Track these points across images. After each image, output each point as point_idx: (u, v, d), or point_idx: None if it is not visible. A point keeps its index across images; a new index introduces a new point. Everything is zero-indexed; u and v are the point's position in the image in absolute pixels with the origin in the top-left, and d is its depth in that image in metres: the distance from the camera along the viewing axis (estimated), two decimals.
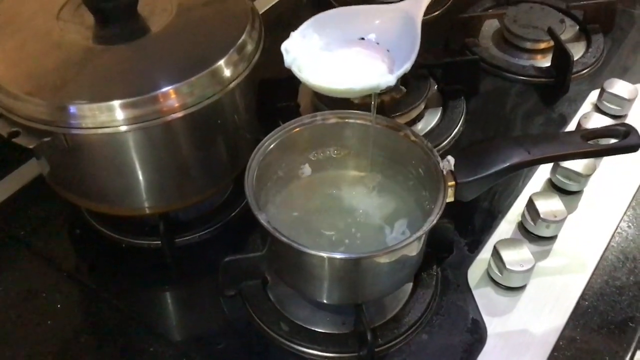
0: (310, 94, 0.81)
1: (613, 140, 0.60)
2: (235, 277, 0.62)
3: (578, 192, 0.72)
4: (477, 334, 0.60)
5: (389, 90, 0.77)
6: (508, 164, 0.56)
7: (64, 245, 0.69)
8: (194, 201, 0.65)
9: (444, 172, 0.56)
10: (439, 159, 0.57)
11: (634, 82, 0.82)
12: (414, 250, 0.55)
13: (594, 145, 0.58)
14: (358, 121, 0.62)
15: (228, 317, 0.63)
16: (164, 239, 0.66)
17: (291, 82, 0.80)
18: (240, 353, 0.60)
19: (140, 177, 0.60)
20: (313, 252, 0.51)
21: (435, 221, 0.53)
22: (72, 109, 0.52)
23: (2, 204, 0.71)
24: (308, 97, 0.81)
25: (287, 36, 0.58)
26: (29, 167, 0.74)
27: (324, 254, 0.51)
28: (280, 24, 0.94)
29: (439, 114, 0.81)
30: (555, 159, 0.62)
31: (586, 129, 0.61)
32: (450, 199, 0.57)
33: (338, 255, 0.52)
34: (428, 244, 0.61)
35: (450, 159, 0.57)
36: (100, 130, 0.53)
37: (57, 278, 0.65)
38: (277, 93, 0.80)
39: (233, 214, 0.71)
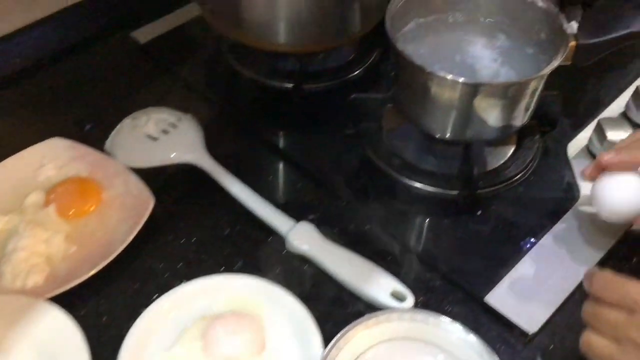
0: None
1: None
2: (356, 116, 0.70)
3: None
4: (570, 194, 0.66)
5: None
6: (628, 31, 0.61)
7: (207, 79, 0.79)
8: (324, 47, 0.74)
9: (567, 33, 0.61)
10: (565, 21, 0.62)
11: None
12: (526, 94, 0.61)
13: None
14: None
15: (344, 152, 0.70)
16: (297, 79, 0.74)
17: None
18: (353, 179, 0.68)
19: (285, 12, 0.68)
20: (440, 74, 0.58)
21: (554, 66, 0.58)
22: None
23: (158, 37, 0.81)
24: None
25: None
26: (185, 11, 0.84)
27: (448, 77, 0.58)
28: None
29: None
30: None
31: None
32: (567, 61, 0.62)
33: (460, 79, 0.58)
34: (534, 116, 0.66)
35: (574, 24, 0.62)
36: None
37: (200, 104, 0.75)
38: None
39: (354, 74, 0.78)
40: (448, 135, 0.64)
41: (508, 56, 0.66)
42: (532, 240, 0.61)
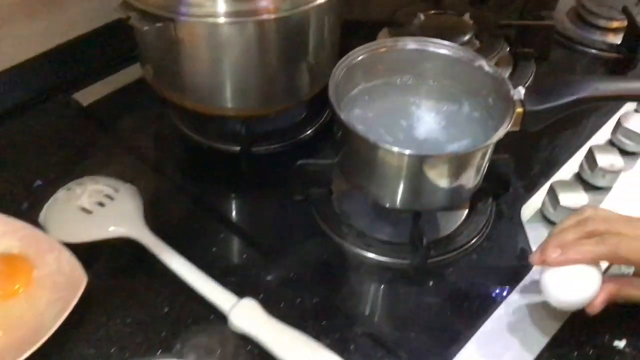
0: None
1: None
2: (304, 182, 0.67)
3: (636, 153, 0.75)
4: (524, 261, 0.63)
5: (463, 43, 0.82)
6: (575, 97, 0.60)
7: (152, 142, 0.76)
8: (272, 110, 0.71)
9: (514, 99, 0.60)
10: (511, 87, 0.61)
11: None
12: (475, 163, 0.59)
13: None
14: (437, 50, 0.66)
15: (292, 218, 0.68)
16: (244, 143, 0.72)
17: (371, 28, 0.87)
18: (302, 248, 0.65)
19: (230, 76, 0.66)
20: (385, 146, 0.56)
21: (502, 135, 0.57)
22: None
23: (101, 99, 0.79)
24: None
25: None
26: (129, 72, 0.81)
27: (394, 149, 0.56)
28: None
29: (509, 73, 0.85)
30: (622, 98, 0.65)
31: None
32: (516, 127, 0.61)
33: (406, 152, 0.56)
34: (486, 178, 0.65)
35: (521, 89, 0.61)
36: (204, 19, 0.60)
37: (144, 169, 0.72)
38: (357, 35, 0.85)
39: (304, 134, 0.77)
40: (398, 204, 0.61)
41: (456, 120, 0.65)
42: (485, 314, 0.59)
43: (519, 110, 0.60)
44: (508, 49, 0.87)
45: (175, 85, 0.68)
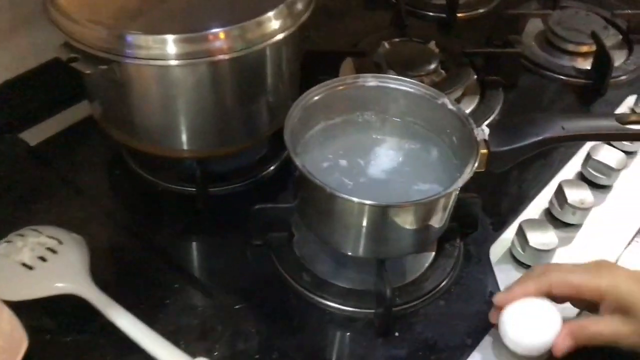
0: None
1: None
2: (263, 226, 0.64)
3: (607, 187, 0.73)
4: (493, 306, 0.61)
5: (429, 73, 0.80)
6: (541, 138, 0.57)
7: (104, 184, 0.73)
8: (230, 150, 0.68)
9: (478, 140, 0.58)
10: (475, 127, 0.58)
11: None
12: (440, 209, 0.57)
13: (628, 128, 0.58)
14: (398, 87, 0.63)
15: (252, 265, 0.65)
16: (199, 185, 0.68)
17: (334, 58, 0.85)
18: (261, 297, 0.62)
19: (183, 118, 0.63)
20: (344, 196, 0.53)
21: (466, 179, 0.54)
22: (129, 38, 0.55)
23: (49, 138, 0.75)
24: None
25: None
26: (79, 108, 0.77)
27: (354, 199, 0.53)
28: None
29: (476, 102, 0.83)
30: (589, 138, 0.63)
31: (622, 113, 0.62)
32: (481, 168, 0.58)
33: (367, 202, 0.53)
34: (453, 217, 0.62)
35: (485, 129, 0.59)
36: (152, 62, 0.56)
37: (95, 213, 0.68)
38: (320, 66, 0.82)
39: (266, 172, 0.73)
40: (361, 252, 0.58)
41: (420, 160, 0.62)
42: None
43: (484, 151, 0.58)
44: (475, 76, 0.85)
45: (125, 127, 0.65)
